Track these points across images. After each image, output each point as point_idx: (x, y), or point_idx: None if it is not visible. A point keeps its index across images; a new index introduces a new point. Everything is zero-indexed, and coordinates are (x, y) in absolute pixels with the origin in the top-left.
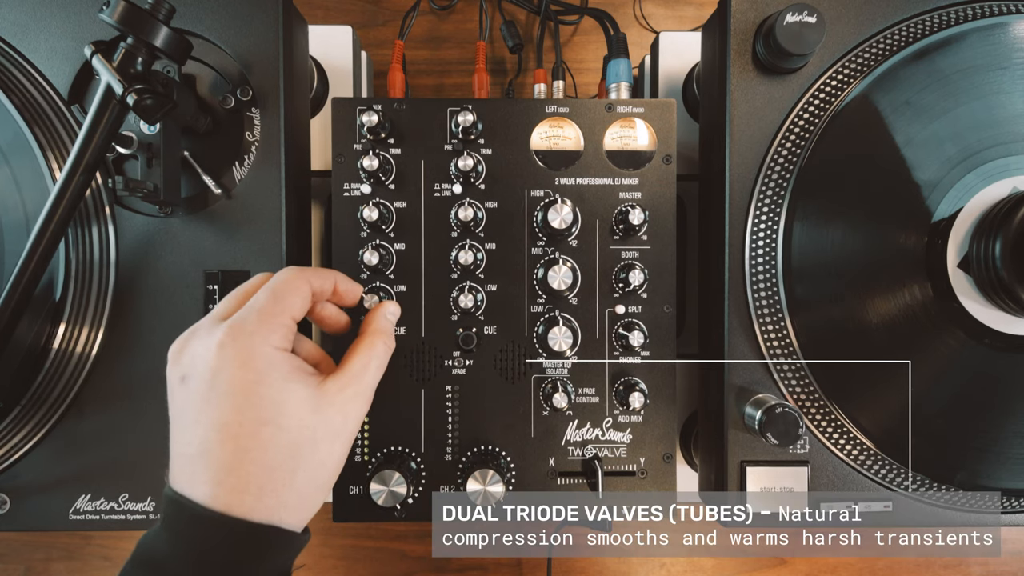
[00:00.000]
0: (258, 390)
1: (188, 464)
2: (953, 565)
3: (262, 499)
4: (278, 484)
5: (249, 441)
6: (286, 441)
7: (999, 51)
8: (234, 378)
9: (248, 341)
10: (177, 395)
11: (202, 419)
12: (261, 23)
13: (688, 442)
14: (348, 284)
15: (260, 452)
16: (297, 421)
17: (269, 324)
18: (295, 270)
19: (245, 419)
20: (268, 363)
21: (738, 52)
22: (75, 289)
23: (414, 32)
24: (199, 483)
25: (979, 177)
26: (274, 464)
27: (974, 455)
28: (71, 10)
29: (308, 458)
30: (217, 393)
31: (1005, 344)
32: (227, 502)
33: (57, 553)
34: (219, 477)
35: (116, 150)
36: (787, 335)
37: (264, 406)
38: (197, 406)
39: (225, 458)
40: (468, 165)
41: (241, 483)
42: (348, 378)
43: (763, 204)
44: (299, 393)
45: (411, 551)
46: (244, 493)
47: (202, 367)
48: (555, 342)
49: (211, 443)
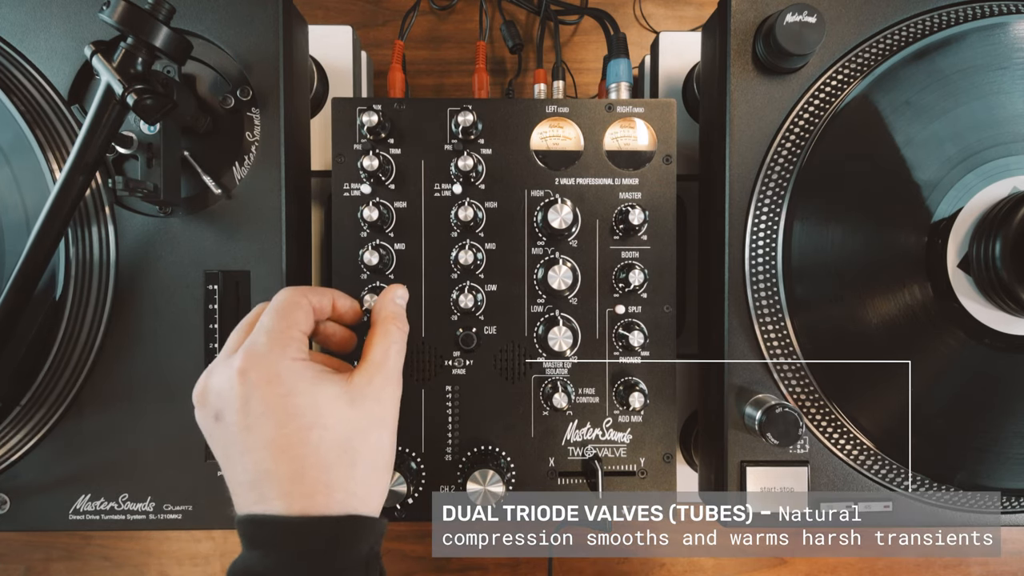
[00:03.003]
0: (292, 401)
1: (254, 488)
2: (953, 565)
3: (333, 495)
4: (342, 478)
5: (302, 449)
6: (334, 438)
7: (999, 51)
8: (266, 398)
9: (266, 360)
10: (216, 434)
11: (250, 446)
12: (261, 23)
13: (688, 442)
14: (345, 301)
15: (315, 456)
16: (338, 418)
17: (281, 340)
18: (291, 289)
19: (290, 431)
20: (292, 375)
21: (738, 52)
22: (75, 289)
23: (414, 32)
24: (271, 499)
25: (979, 177)
26: (331, 461)
27: (974, 455)
28: (71, 10)
29: (361, 448)
30: (254, 418)
31: (1005, 344)
32: (302, 507)
33: (57, 553)
34: (286, 489)
35: (116, 150)
36: (787, 335)
37: (302, 413)
38: (240, 437)
39: (285, 471)
40: (468, 165)
41: (308, 487)
42: (373, 368)
43: (763, 204)
44: (331, 392)
45: (411, 551)
46: (315, 495)
47: (231, 399)
48: (555, 342)
49: (266, 463)
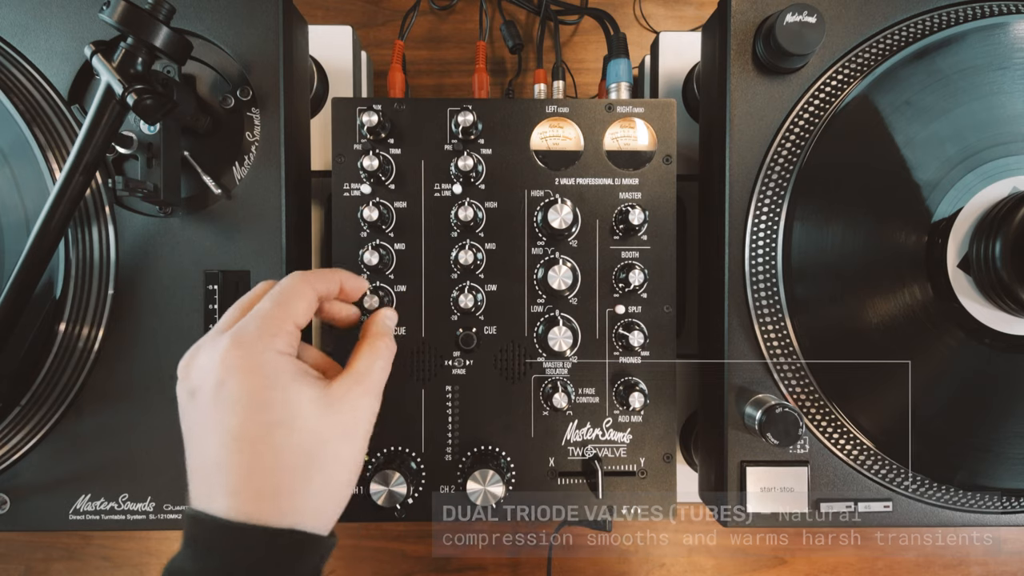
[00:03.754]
0: (266, 394)
1: (205, 479)
2: (953, 565)
3: (279, 503)
4: (295, 486)
5: (261, 446)
6: (299, 443)
7: (999, 51)
8: (241, 385)
9: (252, 348)
10: (188, 411)
11: (214, 430)
12: (261, 23)
13: (688, 442)
14: (354, 282)
15: (273, 456)
16: (308, 422)
17: (272, 330)
18: (299, 275)
19: (256, 424)
20: (274, 368)
21: (738, 52)
22: (75, 289)
23: (414, 32)
24: (217, 496)
25: (979, 177)
26: (288, 466)
27: (974, 455)
28: (71, 10)
29: (323, 458)
30: (226, 402)
31: (1005, 344)
32: (246, 511)
33: (57, 553)
34: (236, 486)
35: (116, 150)
36: (787, 335)
37: (274, 409)
38: (208, 418)
39: (240, 466)
40: (468, 165)
41: (258, 489)
42: (355, 378)
43: (763, 204)
44: (308, 394)
45: (411, 551)
46: (261, 500)
47: (209, 378)
48: (555, 342)
49: (224, 452)
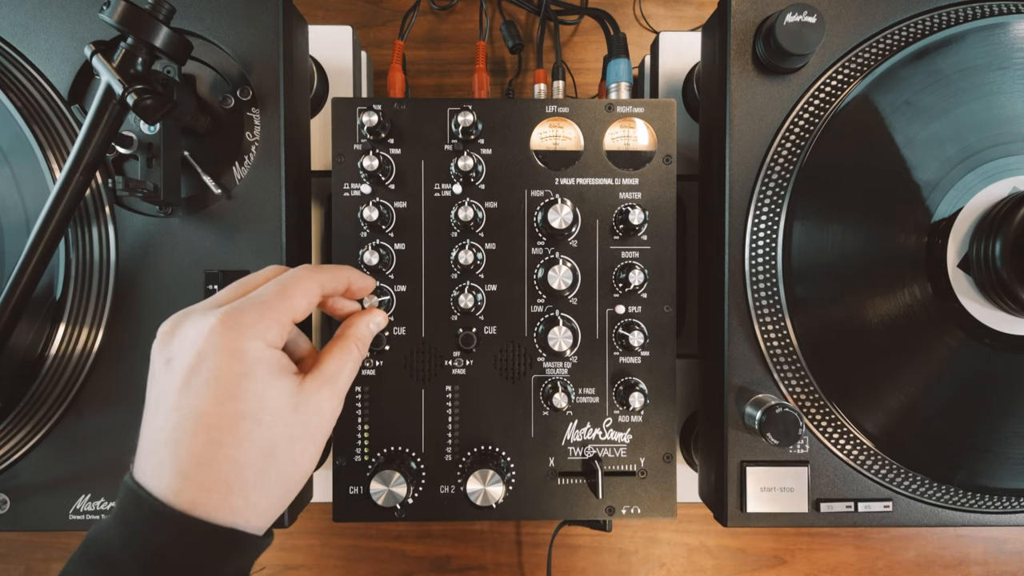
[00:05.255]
0: (243, 383)
1: (155, 451)
2: (953, 565)
3: (228, 499)
4: (248, 483)
5: (224, 435)
6: (263, 438)
7: (999, 51)
8: (220, 367)
9: (242, 332)
10: (159, 377)
11: (181, 405)
12: (261, 23)
13: (688, 442)
14: (362, 281)
15: (234, 448)
16: (277, 418)
17: (267, 320)
18: (309, 270)
19: (224, 411)
20: (257, 358)
21: (738, 52)
22: (75, 289)
23: (414, 32)
24: (164, 474)
25: (979, 177)
26: (247, 462)
27: (974, 455)
28: (71, 10)
29: (283, 457)
30: (200, 380)
31: (1005, 344)
32: (191, 499)
33: (57, 553)
34: (186, 469)
35: (116, 150)
36: (787, 335)
37: (246, 399)
38: (177, 391)
39: (196, 449)
40: (468, 165)
41: (209, 479)
42: (324, 379)
43: (763, 204)
44: (282, 390)
45: (411, 551)
46: (210, 491)
47: (190, 351)
48: (555, 342)
49: (184, 431)
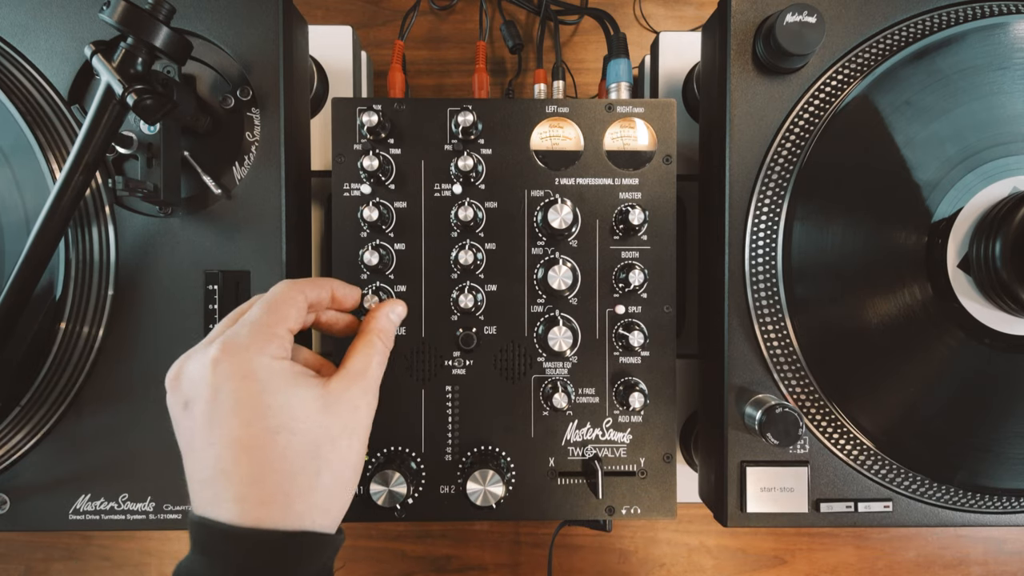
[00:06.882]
0: (263, 399)
1: (207, 488)
2: (953, 565)
3: (291, 506)
4: (304, 488)
5: (265, 452)
6: (302, 444)
7: (999, 51)
8: (237, 392)
9: (244, 355)
10: (183, 423)
11: (213, 440)
12: (261, 23)
13: (688, 442)
14: (345, 289)
15: (279, 460)
16: (309, 423)
17: (263, 336)
18: (288, 283)
19: (255, 431)
20: (268, 372)
21: (738, 52)
22: (75, 289)
23: (414, 32)
24: (223, 502)
25: (979, 177)
26: (295, 469)
27: (974, 455)
28: (71, 10)
29: (328, 456)
30: (222, 411)
31: (1005, 344)
32: (256, 516)
33: (57, 553)
34: (242, 492)
35: (116, 150)
36: (787, 335)
37: (272, 414)
38: (205, 428)
39: (244, 473)
40: (468, 165)
41: (266, 494)
42: (352, 376)
43: (763, 204)
44: (305, 395)
45: (411, 551)
46: (271, 504)
47: (202, 388)
48: (555, 342)
49: (226, 462)
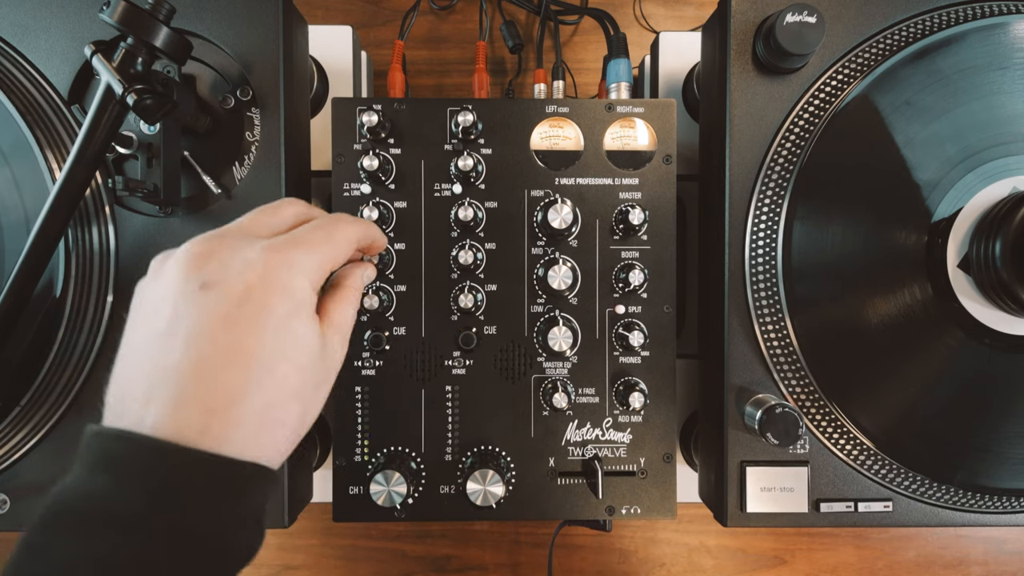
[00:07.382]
0: (290, 323)
1: (169, 382)
2: (953, 565)
3: (258, 437)
4: (276, 423)
5: (263, 374)
6: (296, 381)
7: (999, 51)
8: (270, 303)
9: (293, 270)
10: (190, 302)
11: (219, 336)
12: (261, 23)
13: (688, 442)
14: (383, 240)
15: (272, 388)
16: (310, 363)
17: (315, 261)
18: (349, 219)
19: (266, 350)
20: (303, 299)
21: (738, 52)
22: (75, 289)
23: (414, 32)
24: (186, 408)
25: (979, 177)
26: (278, 401)
27: (974, 455)
28: (71, 10)
29: (308, 400)
30: (247, 313)
31: (1005, 344)
32: (219, 435)
33: None
34: (215, 405)
35: (116, 150)
36: (787, 335)
37: (291, 342)
38: (218, 321)
39: (230, 385)
40: (468, 165)
41: (239, 416)
42: (335, 327)
43: (763, 204)
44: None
45: (411, 551)
46: (239, 427)
47: (236, 280)
48: (555, 342)
49: (216, 365)
